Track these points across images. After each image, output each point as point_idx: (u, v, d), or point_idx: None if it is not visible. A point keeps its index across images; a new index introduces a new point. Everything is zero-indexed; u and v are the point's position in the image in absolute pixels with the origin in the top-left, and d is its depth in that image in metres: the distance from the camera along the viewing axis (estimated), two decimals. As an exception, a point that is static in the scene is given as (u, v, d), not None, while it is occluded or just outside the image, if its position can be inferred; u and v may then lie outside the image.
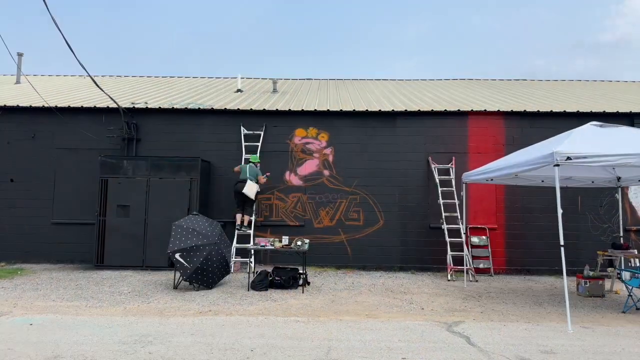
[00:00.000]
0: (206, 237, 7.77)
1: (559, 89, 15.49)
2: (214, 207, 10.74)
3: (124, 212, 10.03)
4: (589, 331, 5.60)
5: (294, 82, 17.15)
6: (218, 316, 6.06)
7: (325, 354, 4.57)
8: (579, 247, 10.33)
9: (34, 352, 4.51)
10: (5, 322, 5.61)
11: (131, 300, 6.95)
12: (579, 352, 4.76)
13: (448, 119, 10.91)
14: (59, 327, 5.44)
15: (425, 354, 4.64)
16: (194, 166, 10.20)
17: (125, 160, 10.37)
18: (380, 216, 10.67)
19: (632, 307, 6.73)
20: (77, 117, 11.02)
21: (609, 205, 10.51)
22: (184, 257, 7.52)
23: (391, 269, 10.47)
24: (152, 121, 11.08)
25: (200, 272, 7.61)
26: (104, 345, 4.76)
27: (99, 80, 12.69)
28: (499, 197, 10.66)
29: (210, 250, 7.67)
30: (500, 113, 10.86)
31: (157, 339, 5.01)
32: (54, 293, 7.41)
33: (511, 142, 10.67)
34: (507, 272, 10.39)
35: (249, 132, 10.94)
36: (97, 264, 9.92)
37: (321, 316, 6.14)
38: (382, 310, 6.58)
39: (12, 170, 10.95)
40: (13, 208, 10.82)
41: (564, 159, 5.84)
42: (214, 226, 8.20)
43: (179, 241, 7.60)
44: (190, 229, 7.78)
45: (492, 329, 5.63)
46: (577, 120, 9.67)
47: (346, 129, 10.95)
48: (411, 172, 10.78)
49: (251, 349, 4.69)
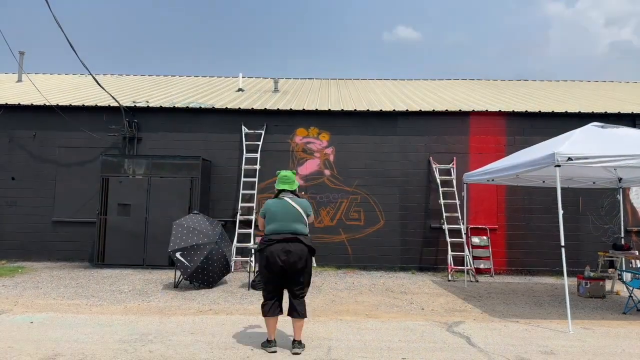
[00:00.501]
0: (207, 236, 7.77)
1: (560, 89, 15.46)
2: (214, 206, 10.75)
3: (124, 211, 10.03)
4: (590, 332, 5.59)
5: (295, 81, 17.14)
6: (218, 315, 6.06)
7: (325, 354, 4.56)
8: (580, 247, 10.32)
9: (34, 350, 4.51)
10: (5, 320, 5.62)
11: (132, 299, 6.95)
12: (580, 353, 4.75)
13: (449, 119, 10.90)
14: (60, 325, 5.44)
15: (425, 354, 4.64)
16: (195, 165, 10.20)
17: (126, 159, 10.38)
18: (381, 216, 10.66)
19: (633, 308, 6.71)
20: (79, 115, 11.03)
21: (610, 206, 10.50)
22: (185, 256, 7.53)
23: (392, 269, 10.47)
24: (153, 120, 11.08)
25: (201, 271, 7.61)
26: (104, 344, 4.76)
27: (101, 79, 12.69)
28: (499, 198, 10.65)
29: (211, 249, 7.67)
30: (502, 113, 10.85)
31: (158, 337, 5.01)
32: (54, 291, 7.42)
33: (512, 143, 10.65)
34: (508, 272, 10.38)
35: (250, 131, 10.94)
36: (98, 263, 9.93)
37: (321, 316, 6.14)
38: (383, 310, 6.58)
39: (14, 169, 10.96)
40: (14, 206, 10.84)
41: (565, 159, 5.83)
42: (214, 225, 8.20)
43: (180, 240, 7.61)
44: (191, 227, 7.78)
45: (493, 329, 5.63)
46: (578, 120, 9.64)
47: (347, 128, 10.95)
48: (412, 172, 10.77)
49: (251, 349, 4.69)
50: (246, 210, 10.52)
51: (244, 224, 10.60)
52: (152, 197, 10.07)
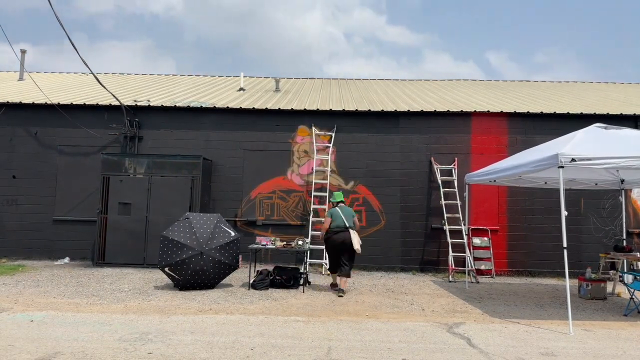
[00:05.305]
0: (193, 246, 7.47)
1: (562, 90, 15.43)
2: (215, 205, 10.74)
3: (125, 210, 10.03)
4: (590, 334, 5.57)
5: (297, 81, 17.13)
6: (219, 315, 6.05)
7: (325, 354, 4.55)
8: (581, 249, 10.29)
9: (34, 349, 4.50)
10: (6, 318, 5.61)
11: (132, 298, 6.95)
12: (580, 355, 4.73)
13: (451, 119, 10.88)
14: (60, 323, 5.44)
15: (425, 355, 4.62)
16: (196, 165, 10.19)
17: (127, 158, 10.38)
18: (382, 216, 10.65)
19: (634, 310, 6.69)
20: (80, 114, 11.03)
21: (612, 208, 10.47)
22: (173, 270, 7.48)
23: (392, 269, 10.45)
24: (154, 119, 11.08)
25: (193, 282, 7.54)
26: (104, 343, 4.75)
27: (102, 78, 12.70)
28: (501, 199, 10.62)
29: (198, 261, 7.46)
30: (504, 114, 10.83)
31: (158, 337, 5.00)
32: (54, 290, 7.42)
33: (514, 144, 10.63)
34: (509, 273, 10.36)
35: (251, 131, 10.93)
36: (98, 262, 9.93)
37: (322, 316, 6.12)
38: (383, 311, 6.56)
39: (15, 167, 10.97)
40: (15, 205, 10.84)
41: (569, 160, 5.80)
42: (205, 227, 7.78)
43: (167, 255, 7.44)
44: (175, 240, 7.49)
45: (493, 330, 5.61)
46: (580, 121, 9.61)
47: (348, 128, 10.93)
48: (413, 172, 10.76)
49: (251, 348, 4.68)
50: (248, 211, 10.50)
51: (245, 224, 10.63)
52: (153, 196, 10.06)
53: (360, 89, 15.14)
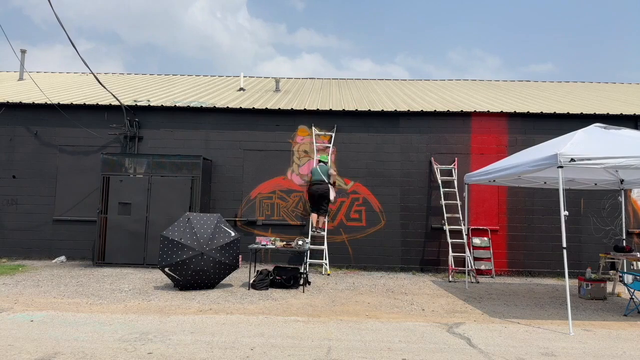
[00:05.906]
0: (194, 247, 7.48)
1: (562, 90, 15.44)
2: (215, 205, 10.74)
3: (125, 210, 10.03)
4: (590, 334, 5.58)
5: (297, 81, 17.13)
6: (218, 315, 6.05)
7: (325, 354, 4.55)
8: (581, 249, 10.30)
9: (34, 348, 4.50)
10: (6, 318, 5.61)
11: (132, 298, 6.95)
12: (580, 355, 4.73)
13: (451, 119, 10.88)
14: (60, 323, 5.44)
15: (425, 355, 4.62)
16: (196, 164, 10.19)
17: (127, 158, 10.38)
18: (382, 216, 10.65)
19: (634, 310, 6.69)
20: (80, 114, 11.04)
21: (612, 208, 10.47)
22: (174, 270, 7.48)
23: (392, 269, 10.45)
24: (154, 119, 11.08)
25: (193, 282, 7.54)
26: (104, 343, 4.75)
27: (102, 78, 12.70)
28: (501, 199, 10.62)
29: (199, 261, 7.47)
30: (503, 114, 10.83)
31: (157, 337, 5.00)
32: (54, 290, 7.42)
33: (514, 144, 10.63)
34: (509, 273, 10.36)
35: (251, 131, 10.93)
36: (98, 261, 9.93)
37: (321, 316, 6.13)
38: (383, 311, 6.56)
39: (15, 167, 10.97)
40: (15, 205, 10.84)
41: (568, 160, 5.80)
42: (205, 227, 7.77)
43: (167, 255, 7.43)
44: (175, 241, 7.49)
45: (493, 330, 5.61)
46: (580, 122, 9.62)
47: (348, 128, 10.93)
48: (413, 172, 10.76)
49: (251, 348, 4.68)
50: (248, 211, 10.50)
51: (245, 224, 10.63)
52: (153, 196, 10.06)
53: (360, 89, 15.14)
